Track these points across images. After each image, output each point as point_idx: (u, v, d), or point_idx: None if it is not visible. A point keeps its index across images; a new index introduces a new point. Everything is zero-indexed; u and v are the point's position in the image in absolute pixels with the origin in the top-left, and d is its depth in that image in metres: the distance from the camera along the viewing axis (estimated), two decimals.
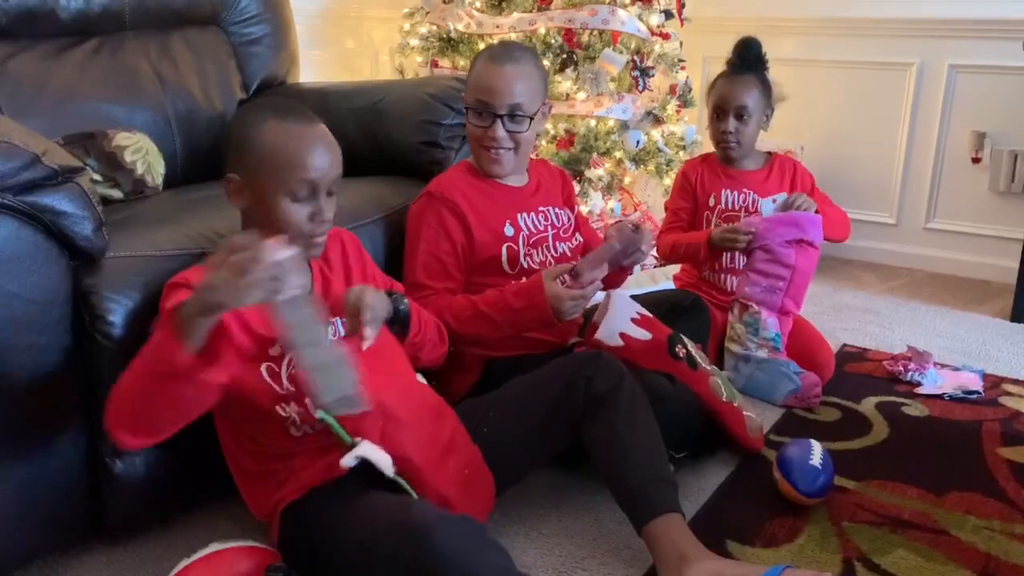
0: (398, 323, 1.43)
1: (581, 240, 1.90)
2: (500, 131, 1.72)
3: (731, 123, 2.16)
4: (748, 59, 2.19)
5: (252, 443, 1.33)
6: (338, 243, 1.50)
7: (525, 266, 1.76)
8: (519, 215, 1.78)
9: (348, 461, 1.22)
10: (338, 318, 1.35)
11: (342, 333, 1.32)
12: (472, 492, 1.38)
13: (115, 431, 1.16)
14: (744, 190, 2.22)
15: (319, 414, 1.22)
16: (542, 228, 1.81)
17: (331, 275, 1.44)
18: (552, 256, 1.81)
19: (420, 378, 1.48)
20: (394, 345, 1.43)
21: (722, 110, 2.17)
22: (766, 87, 2.19)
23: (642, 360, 1.64)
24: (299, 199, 1.30)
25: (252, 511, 1.36)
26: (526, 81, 1.72)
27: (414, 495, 1.27)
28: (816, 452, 1.57)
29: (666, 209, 2.36)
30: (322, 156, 1.31)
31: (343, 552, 1.21)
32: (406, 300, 1.46)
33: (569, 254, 1.84)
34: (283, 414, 1.28)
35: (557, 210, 1.86)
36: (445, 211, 1.72)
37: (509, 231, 1.76)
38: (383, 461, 1.24)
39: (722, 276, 2.25)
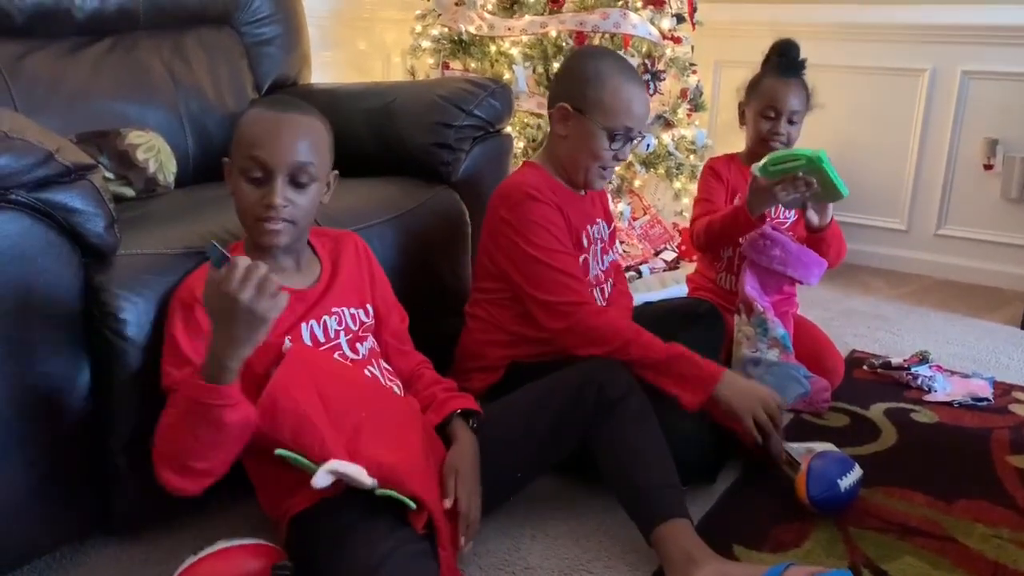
0: None
1: (617, 255, 1.85)
2: (628, 152, 1.64)
3: (783, 126, 2.16)
4: (793, 61, 2.17)
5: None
6: (351, 244, 1.51)
7: (591, 279, 1.72)
8: (588, 226, 1.73)
9: (320, 480, 1.17)
10: None
11: None
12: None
13: (163, 474, 1.19)
14: None
15: (277, 452, 1.19)
16: (598, 239, 1.77)
17: (340, 271, 1.45)
18: (600, 268, 1.77)
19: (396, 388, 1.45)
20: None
21: (776, 111, 2.15)
22: (808, 93, 2.19)
23: None
24: (252, 179, 1.30)
25: (263, 508, 1.37)
26: None
27: (411, 504, 1.24)
28: (850, 477, 1.55)
29: (695, 204, 2.30)
30: (282, 140, 1.29)
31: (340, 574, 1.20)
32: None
33: (608, 266, 1.82)
34: None
35: (603, 222, 1.82)
36: (554, 212, 1.60)
37: (584, 242, 1.71)
38: (357, 472, 1.19)
39: (736, 278, 2.24)
